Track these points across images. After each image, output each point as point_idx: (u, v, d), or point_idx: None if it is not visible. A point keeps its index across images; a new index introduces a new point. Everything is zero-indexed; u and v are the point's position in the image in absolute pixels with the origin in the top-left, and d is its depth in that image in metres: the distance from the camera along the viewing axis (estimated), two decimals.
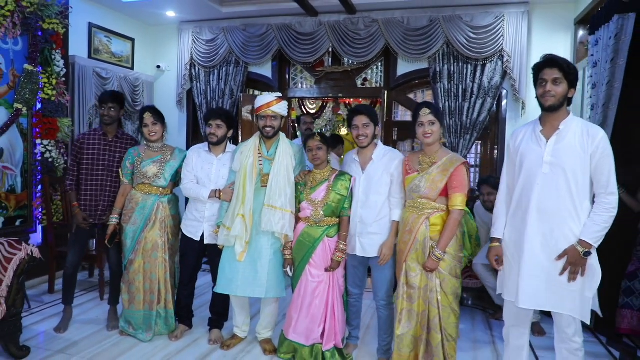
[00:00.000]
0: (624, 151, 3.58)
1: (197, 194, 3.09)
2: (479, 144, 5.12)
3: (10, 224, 4.09)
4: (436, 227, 2.58)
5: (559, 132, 2.24)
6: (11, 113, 4.02)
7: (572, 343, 2.28)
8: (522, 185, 2.34)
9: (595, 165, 2.19)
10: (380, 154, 2.83)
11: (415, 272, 2.60)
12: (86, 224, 3.32)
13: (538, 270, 2.25)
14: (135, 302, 3.21)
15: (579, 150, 2.19)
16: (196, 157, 3.19)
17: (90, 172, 3.33)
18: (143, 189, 3.21)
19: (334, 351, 2.86)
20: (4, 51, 3.96)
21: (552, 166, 2.23)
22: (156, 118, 3.22)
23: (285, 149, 2.97)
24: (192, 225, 3.19)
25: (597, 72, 3.44)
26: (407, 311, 2.63)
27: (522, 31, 4.62)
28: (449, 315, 2.57)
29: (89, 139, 3.35)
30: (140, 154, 3.24)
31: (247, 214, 2.87)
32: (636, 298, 3.47)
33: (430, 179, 2.58)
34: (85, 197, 3.34)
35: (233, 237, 2.88)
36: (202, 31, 5.65)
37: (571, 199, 2.20)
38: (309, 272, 2.87)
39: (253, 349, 3.14)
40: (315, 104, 7.30)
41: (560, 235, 2.21)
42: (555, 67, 2.20)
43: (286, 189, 2.87)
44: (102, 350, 3.05)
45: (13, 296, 2.83)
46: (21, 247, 2.90)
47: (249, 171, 2.91)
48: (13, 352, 2.85)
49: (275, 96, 2.98)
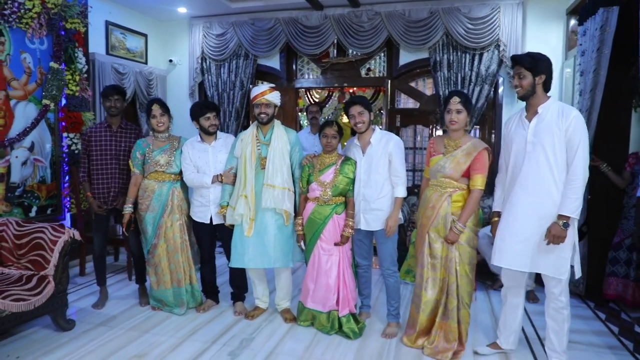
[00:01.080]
0: (610, 133, 3.90)
1: (200, 182, 3.39)
2: (477, 128, 5.40)
3: (42, 212, 4.40)
4: (457, 204, 2.87)
5: (539, 115, 2.59)
6: (40, 109, 4.31)
7: (557, 302, 2.62)
8: (513, 163, 2.70)
9: (568, 139, 2.51)
10: (377, 138, 3.13)
11: (437, 244, 2.91)
12: (101, 210, 3.61)
13: (521, 235, 2.60)
14: (162, 282, 3.51)
15: (555, 129, 2.52)
16: (191, 149, 3.47)
17: (100, 162, 3.60)
18: (156, 177, 3.46)
19: (349, 317, 3.18)
20: (32, 51, 4.23)
21: (534, 145, 2.58)
22: (163, 110, 3.48)
23: (280, 134, 3.30)
24: (200, 210, 3.48)
25: (585, 61, 3.72)
26: (432, 279, 2.94)
27: (517, 21, 4.88)
28: (466, 284, 2.88)
29: (95, 131, 3.62)
30: (149, 144, 3.49)
31: (249, 194, 3.21)
32: (621, 266, 3.80)
33: (455, 161, 2.87)
34: (97, 186, 3.61)
35: (238, 215, 3.22)
36: (212, 26, 5.90)
37: (550, 172, 2.54)
38: (320, 247, 3.20)
39: (274, 319, 3.47)
40: (321, 94, 7.58)
41: (540, 204, 2.56)
42: (517, 64, 2.61)
43: (282, 168, 3.21)
44: (138, 323, 3.39)
45: (59, 274, 3.16)
46: (64, 231, 3.21)
47: (248, 156, 3.24)
48: (61, 324, 3.18)
49: (269, 86, 3.32)
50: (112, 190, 3.63)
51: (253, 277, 3.50)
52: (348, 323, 3.15)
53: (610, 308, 3.78)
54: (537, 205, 2.57)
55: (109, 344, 3.04)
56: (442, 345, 2.88)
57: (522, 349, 3.01)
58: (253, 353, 2.93)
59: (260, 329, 3.29)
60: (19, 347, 2.98)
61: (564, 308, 2.62)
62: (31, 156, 4.25)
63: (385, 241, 3.16)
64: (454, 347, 2.85)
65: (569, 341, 2.92)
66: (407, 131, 5.74)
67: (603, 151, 3.85)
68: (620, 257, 3.80)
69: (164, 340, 3.10)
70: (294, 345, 3.06)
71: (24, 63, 4.15)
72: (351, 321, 3.17)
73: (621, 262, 3.79)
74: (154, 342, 3.08)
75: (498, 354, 2.93)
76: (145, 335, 3.18)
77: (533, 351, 3.00)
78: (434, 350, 2.88)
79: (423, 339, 2.98)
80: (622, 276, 3.79)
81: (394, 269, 3.21)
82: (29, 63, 4.21)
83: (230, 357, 2.88)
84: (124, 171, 3.65)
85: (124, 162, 3.64)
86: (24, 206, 4.20)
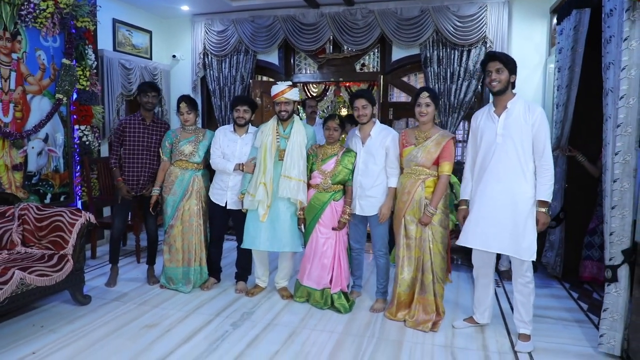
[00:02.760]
0: (585, 126, 4.17)
1: (223, 167, 3.69)
2: (465, 121, 5.69)
3: (55, 199, 4.70)
4: (429, 189, 3.18)
5: (507, 110, 2.87)
6: (53, 103, 4.59)
7: (524, 277, 2.92)
8: (483, 154, 2.96)
9: (535, 134, 2.79)
10: (377, 131, 3.41)
11: (412, 225, 3.22)
12: (129, 195, 3.93)
13: (493, 219, 2.86)
14: (174, 260, 3.84)
15: (523, 122, 2.80)
16: (222, 136, 3.77)
17: (132, 151, 3.91)
18: (181, 165, 3.80)
19: (340, 294, 3.49)
20: (46, 48, 4.52)
21: (504, 137, 2.85)
22: (190, 107, 3.80)
23: (299, 129, 3.56)
24: (218, 193, 3.79)
25: (562, 58, 4.00)
26: (407, 258, 3.26)
27: (503, 19, 5.14)
28: (440, 262, 3.20)
29: (130, 123, 3.93)
30: (177, 135, 3.84)
31: (268, 182, 3.48)
32: (595, 250, 4.08)
33: (426, 150, 3.17)
34: (128, 173, 3.92)
35: (257, 201, 3.50)
36: (214, 23, 6.17)
37: (519, 162, 2.82)
38: (318, 230, 3.50)
39: (272, 296, 3.79)
40: (318, 87, 7.86)
41: (510, 190, 2.84)
42: (496, 60, 2.85)
43: (299, 162, 3.46)
44: (148, 299, 3.70)
45: (77, 254, 3.46)
46: (81, 214, 3.52)
47: (268, 147, 3.51)
48: (79, 299, 3.50)
49: (287, 84, 3.56)
50: (142, 178, 3.93)
51: (256, 258, 3.80)
52: (339, 299, 3.46)
53: (584, 289, 4.08)
54: (507, 192, 2.84)
55: (123, 316, 3.36)
56: (422, 317, 3.20)
57: (496, 322, 3.33)
58: (253, 324, 3.25)
59: (259, 304, 3.61)
60: (42, 318, 3.29)
61: (530, 282, 2.92)
62: (46, 147, 4.55)
63: (378, 226, 3.46)
64: (432, 318, 3.18)
65: (540, 316, 3.23)
66: (399, 123, 6.03)
67: (579, 142, 4.13)
68: (595, 242, 4.08)
69: (172, 313, 3.42)
70: (290, 317, 3.37)
71: (38, 60, 4.43)
72: (342, 298, 3.48)
73: (596, 246, 4.07)
74: (164, 314, 3.39)
75: (474, 327, 3.24)
76: (155, 309, 3.50)
77: (507, 324, 3.32)
78: (415, 322, 3.20)
79: (402, 313, 3.30)
80: (596, 259, 4.07)
81: (385, 251, 3.52)
82: (43, 60, 4.49)
83: (232, 327, 3.19)
84: (153, 162, 3.96)
85: (154, 153, 3.95)
86: (40, 193, 4.51)
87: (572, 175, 4.21)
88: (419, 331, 3.15)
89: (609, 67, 2.78)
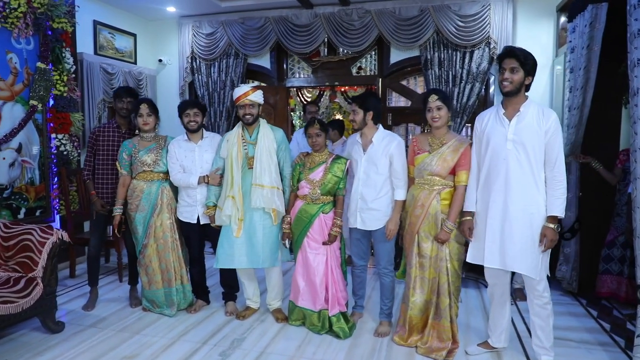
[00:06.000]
0: (601, 130, 3.90)
1: (186, 182, 3.35)
2: (468, 126, 5.41)
3: (30, 214, 4.34)
4: (446, 202, 2.86)
5: (520, 114, 2.57)
6: (27, 109, 4.25)
7: (542, 298, 2.62)
8: (489, 161, 2.65)
9: (548, 141, 2.51)
10: (380, 137, 3.10)
11: (427, 242, 2.89)
12: (104, 210, 3.58)
13: (504, 234, 2.58)
14: (154, 282, 3.48)
15: (536, 128, 2.51)
16: (177, 148, 3.43)
17: (106, 162, 3.58)
18: (145, 177, 3.44)
19: (339, 316, 3.16)
20: (18, 51, 4.18)
21: (515, 143, 2.55)
22: (151, 110, 3.45)
23: (266, 133, 3.27)
24: (187, 210, 3.45)
25: (575, 58, 3.73)
26: (420, 278, 2.94)
27: (507, 19, 4.88)
28: (456, 280, 2.89)
29: (104, 131, 3.60)
30: (135, 145, 3.46)
31: (236, 195, 3.18)
32: (615, 264, 3.80)
33: (442, 158, 2.85)
34: (101, 186, 3.59)
35: (226, 216, 3.19)
36: (202, 25, 5.86)
37: (531, 170, 2.53)
38: (307, 245, 3.19)
39: (266, 319, 3.45)
40: (312, 92, 7.56)
41: (523, 203, 2.55)
42: (513, 57, 2.53)
43: (270, 167, 3.18)
44: (129, 324, 3.35)
45: (48, 276, 3.12)
46: (52, 232, 3.17)
47: (234, 156, 3.21)
48: (50, 326, 3.14)
49: (251, 86, 3.29)
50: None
51: (242, 277, 3.47)
52: (338, 322, 3.14)
53: (602, 305, 3.79)
54: (519, 204, 2.55)
55: (100, 345, 3.01)
56: (435, 345, 2.88)
57: (514, 346, 3.01)
58: (244, 353, 2.91)
59: (251, 329, 3.27)
60: (7, 350, 2.93)
61: (548, 303, 2.63)
62: (19, 157, 4.20)
63: (382, 241, 3.14)
64: (447, 346, 2.85)
65: (560, 338, 2.93)
66: (398, 130, 5.75)
67: (594, 148, 3.86)
68: (614, 255, 3.80)
69: (155, 341, 3.08)
70: (285, 344, 3.04)
71: (10, 63, 4.09)
72: (341, 320, 3.15)
73: (615, 259, 3.80)
74: (145, 343, 3.05)
75: (490, 352, 2.92)
76: (136, 336, 3.15)
77: (524, 347, 3.00)
78: (428, 349, 2.87)
79: (414, 338, 2.97)
80: (616, 273, 3.79)
81: (390, 269, 3.20)
82: (15, 63, 4.15)
83: (221, 357, 2.86)
84: None
85: None
86: (12, 208, 4.15)
87: (587, 184, 3.93)
88: (431, 359, 2.83)
89: (637, 64, 2.50)
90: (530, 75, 2.56)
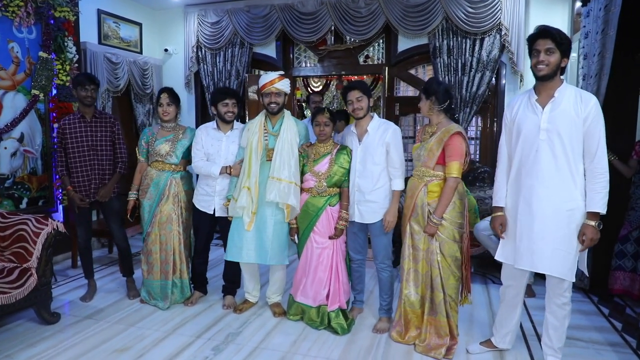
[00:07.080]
0: (616, 120, 3.70)
1: (208, 171, 3.28)
2: (478, 117, 5.24)
3: (33, 204, 4.34)
4: (433, 194, 2.73)
5: (554, 100, 2.34)
6: (29, 99, 4.23)
7: (562, 297, 2.44)
8: (521, 152, 2.44)
9: (587, 129, 2.30)
10: (375, 126, 2.98)
11: (418, 235, 2.78)
12: (84, 203, 3.51)
13: (539, 233, 2.37)
14: (153, 273, 3.45)
15: (573, 115, 2.29)
16: (205, 135, 3.37)
17: (77, 154, 3.49)
18: (157, 166, 3.42)
19: (338, 312, 3.08)
20: (20, 40, 4.15)
21: (549, 132, 2.33)
22: (171, 99, 3.41)
23: (290, 125, 3.14)
24: (204, 199, 3.38)
25: (589, 43, 3.54)
26: (413, 271, 2.83)
27: (519, 4, 4.67)
28: (449, 277, 2.74)
29: (69, 123, 3.50)
30: (154, 133, 3.45)
31: (252, 187, 3.07)
32: (628, 260, 3.65)
33: (428, 148, 2.74)
34: (77, 179, 3.50)
35: (240, 208, 3.09)
36: (207, 14, 5.77)
37: (567, 163, 2.31)
38: (313, 239, 3.08)
39: (264, 312, 3.38)
40: (319, 81, 7.43)
41: (558, 198, 2.33)
42: (548, 38, 2.29)
43: (290, 161, 3.04)
44: (125, 316, 3.32)
45: (42, 267, 3.09)
46: (47, 222, 3.14)
47: (254, 146, 3.10)
48: (45, 317, 3.12)
49: (278, 74, 3.15)
50: (93, 182, 3.53)
51: (245, 271, 3.40)
52: (337, 318, 3.05)
53: (614, 303, 3.63)
54: (554, 200, 2.34)
55: (93, 337, 2.97)
56: (434, 342, 2.77)
57: (519, 346, 2.88)
58: (238, 348, 2.84)
59: (248, 323, 3.20)
60: (0, 340, 2.91)
61: (567, 304, 2.45)
62: (21, 147, 4.19)
63: (380, 235, 3.03)
64: (446, 343, 2.74)
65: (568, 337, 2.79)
66: (406, 120, 5.59)
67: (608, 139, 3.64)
68: (628, 250, 3.64)
69: (149, 334, 3.03)
70: (281, 339, 2.96)
71: (11, 52, 4.07)
72: (340, 316, 3.06)
73: (628, 255, 3.64)
74: (139, 335, 3.00)
75: (492, 352, 2.79)
76: (130, 328, 3.11)
77: (529, 348, 2.87)
78: (426, 347, 2.77)
79: (412, 334, 2.87)
80: (629, 270, 3.63)
81: (388, 263, 3.09)
82: (17, 52, 4.13)
83: (213, 352, 2.79)
84: (103, 162, 3.56)
85: (101, 152, 3.55)
86: (15, 198, 4.15)
87: None
88: (430, 357, 2.72)
89: None
90: (566, 56, 2.34)
